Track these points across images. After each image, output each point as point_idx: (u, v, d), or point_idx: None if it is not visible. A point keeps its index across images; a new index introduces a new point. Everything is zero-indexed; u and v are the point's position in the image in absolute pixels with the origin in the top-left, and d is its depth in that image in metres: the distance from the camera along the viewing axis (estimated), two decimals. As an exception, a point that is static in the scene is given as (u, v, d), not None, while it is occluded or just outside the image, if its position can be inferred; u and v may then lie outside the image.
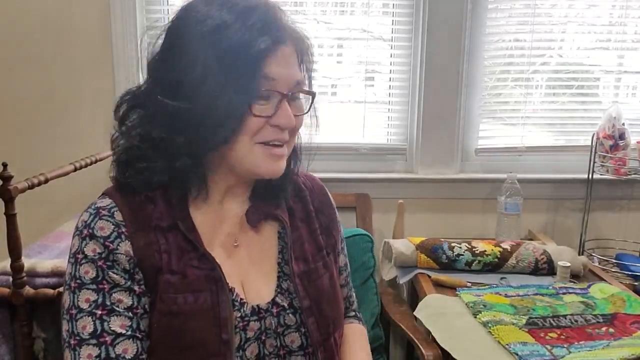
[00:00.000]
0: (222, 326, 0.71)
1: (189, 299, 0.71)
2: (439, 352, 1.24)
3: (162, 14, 1.86)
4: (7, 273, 1.24)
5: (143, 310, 0.71)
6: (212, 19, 0.69)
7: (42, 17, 1.80)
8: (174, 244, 0.73)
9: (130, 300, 0.70)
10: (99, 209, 0.72)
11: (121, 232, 0.71)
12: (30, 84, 1.83)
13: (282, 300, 0.78)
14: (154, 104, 0.72)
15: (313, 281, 0.81)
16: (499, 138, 1.99)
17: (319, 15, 1.88)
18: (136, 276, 0.71)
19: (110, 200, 0.74)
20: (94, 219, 0.71)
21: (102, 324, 0.68)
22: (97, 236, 0.70)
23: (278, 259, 0.82)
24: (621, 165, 1.77)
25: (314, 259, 0.83)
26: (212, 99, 0.68)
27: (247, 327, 0.75)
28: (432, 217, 1.95)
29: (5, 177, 1.15)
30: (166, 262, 0.71)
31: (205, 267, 0.73)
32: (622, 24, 1.93)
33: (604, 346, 1.09)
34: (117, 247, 0.70)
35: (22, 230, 1.20)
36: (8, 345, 1.29)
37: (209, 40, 0.68)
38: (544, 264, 1.52)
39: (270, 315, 0.77)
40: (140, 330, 0.70)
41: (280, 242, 0.83)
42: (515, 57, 1.94)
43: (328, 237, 0.88)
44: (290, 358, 0.77)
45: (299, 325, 0.78)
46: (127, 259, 0.70)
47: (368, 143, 1.95)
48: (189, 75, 0.68)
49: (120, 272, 0.70)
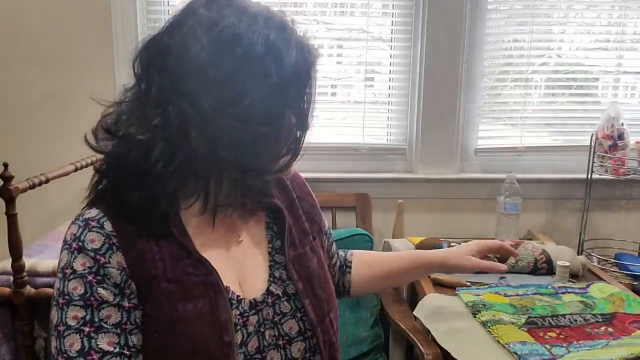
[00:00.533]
0: (223, 329, 0.71)
1: (188, 307, 0.70)
2: (438, 352, 1.25)
3: (162, 14, 1.86)
4: (8, 272, 1.24)
5: (133, 326, 0.70)
6: (263, 40, 0.68)
7: (42, 17, 1.80)
8: (167, 251, 0.72)
9: (119, 317, 0.69)
10: (88, 220, 0.70)
11: (112, 244, 0.69)
12: (30, 84, 1.83)
13: (276, 289, 0.79)
14: (203, 120, 0.67)
15: (303, 264, 0.83)
16: (499, 138, 1.99)
17: (318, 15, 1.88)
18: (126, 290, 0.69)
19: (98, 210, 0.71)
20: (84, 231, 0.69)
21: (90, 341, 0.67)
22: (87, 249, 0.68)
23: (268, 248, 0.83)
24: (620, 165, 1.77)
25: (302, 244, 0.85)
26: (274, 120, 0.70)
27: (247, 322, 0.75)
28: (432, 217, 1.95)
29: (6, 177, 1.16)
30: (161, 270, 0.70)
31: (201, 272, 0.72)
32: (621, 24, 1.93)
33: (603, 346, 1.10)
34: (109, 260, 0.68)
35: (22, 229, 1.21)
36: (9, 345, 1.29)
37: (270, 64, 0.68)
38: (543, 264, 1.52)
39: (267, 306, 0.78)
40: (128, 346, 0.69)
41: (269, 231, 0.84)
42: (514, 58, 1.94)
43: (312, 223, 0.90)
44: (290, 347, 0.78)
45: (294, 311, 0.79)
46: (118, 272, 0.69)
47: (368, 143, 1.95)
48: (247, 97, 0.67)
49: (110, 287, 0.68)
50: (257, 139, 0.70)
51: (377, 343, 1.65)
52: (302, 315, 0.79)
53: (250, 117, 0.68)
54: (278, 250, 0.83)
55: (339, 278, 1.04)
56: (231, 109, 0.67)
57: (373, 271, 1.04)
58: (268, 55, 0.68)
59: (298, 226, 0.87)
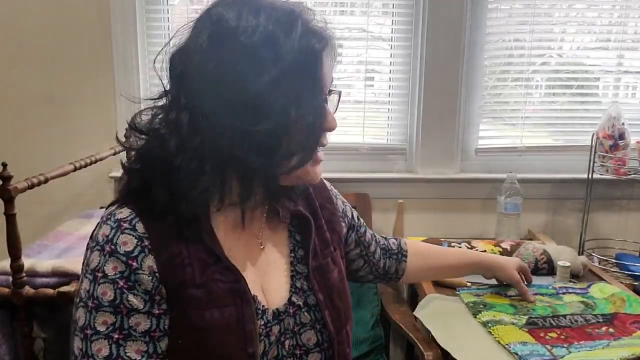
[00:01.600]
0: (248, 340, 0.70)
1: (215, 315, 0.69)
2: (438, 352, 1.24)
3: (162, 13, 1.86)
4: (7, 273, 1.24)
5: (162, 332, 0.69)
6: (262, 30, 0.66)
7: (42, 17, 1.80)
8: (195, 256, 0.70)
9: (149, 324, 0.68)
10: (120, 222, 0.68)
11: (145, 246, 0.67)
12: (30, 84, 1.83)
13: (297, 300, 0.78)
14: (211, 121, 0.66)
15: (324, 275, 0.82)
16: (499, 138, 1.99)
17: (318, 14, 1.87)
18: (156, 296, 0.68)
19: (129, 210, 0.69)
20: (116, 233, 0.67)
21: (118, 349, 0.66)
22: (119, 252, 0.67)
23: (290, 257, 0.82)
24: (621, 165, 1.77)
25: (323, 254, 0.84)
26: (286, 116, 0.66)
27: (269, 332, 0.74)
28: (432, 217, 1.95)
29: (5, 177, 1.15)
30: (190, 275, 0.69)
31: (227, 279, 0.71)
32: (622, 24, 1.93)
33: (603, 346, 1.09)
34: (141, 265, 0.67)
35: (21, 230, 1.20)
36: (8, 345, 1.29)
37: (267, 55, 0.65)
38: (543, 264, 1.52)
39: (288, 316, 0.77)
40: (157, 353, 0.68)
41: (291, 240, 0.83)
42: (515, 57, 1.94)
43: (332, 232, 0.89)
44: (307, 357, 0.77)
45: (313, 322, 0.78)
46: (149, 278, 0.67)
47: (368, 143, 1.95)
48: (246, 91, 0.65)
49: (140, 294, 0.67)
50: (260, 136, 0.66)
51: (377, 344, 1.64)
52: (322, 327, 0.78)
53: (251, 112, 0.65)
54: (300, 260, 0.81)
55: (390, 265, 1.09)
56: (231, 103, 0.65)
57: (426, 263, 1.13)
58: (265, 45, 0.65)
59: (320, 236, 0.85)
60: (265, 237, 0.80)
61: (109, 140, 1.51)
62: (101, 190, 1.88)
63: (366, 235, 1.03)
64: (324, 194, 0.91)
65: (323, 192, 0.92)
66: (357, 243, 1.01)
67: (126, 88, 1.83)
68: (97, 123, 1.84)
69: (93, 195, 1.88)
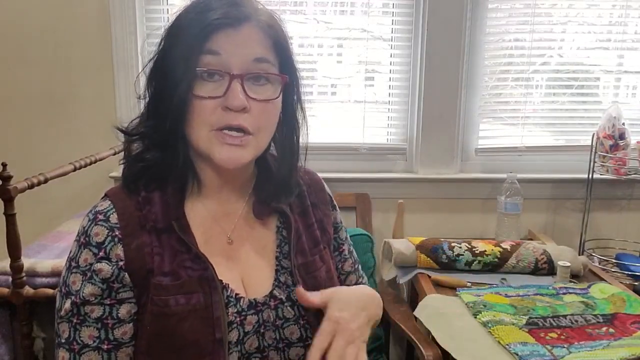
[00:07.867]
0: (216, 325, 0.71)
1: (181, 301, 0.71)
2: (438, 352, 1.24)
3: (162, 13, 1.86)
4: (6, 273, 1.24)
5: (115, 320, 0.72)
6: (181, 8, 0.74)
7: (42, 17, 1.80)
8: (168, 245, 0.73)
9: (101, 311, 0.71)
10: (97, 214, 0.74)
11: (115, 236, 0.72)
12: (30, 84, 1.83)
13: (280, 293, 0.79)
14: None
15: (311, 273, 0.82)
16: (499, 138, 1.99)
17: (319, 15, 1.87)
18: (114, 284, 0.71)
19: (110, 202, 0.75)
20: (91, 225, 0.73)
21: (75, 332, 0.71)
22: (91, 244, 0.72)
23: (276, 252, 0.83)
24: (621, 165, 1.77)
25: (311, 252, 0.85)
26: (164, 81, 0.72)
27: (244, 321, 0.75)
28: (432, 217, 1.95)
29: (5, 177, 1.15)
30: (158, 264, 0.72)
31: (198, 267, 0.73)
32: (622, 24, 1.93)
33: (604, 346, 1.09)
34: (108, 254, 0.71)
35: (21, 230, 1.20)
36: (8, 345, 1.29)
37: (171, 25, 0.74)
38: (544, 264, 1.52)
39: (268, 309, 0.77)
40: (108, 340, 0.71)
41: (278, 236, 0.84)
42: (515, 57, 1.94)
43: (322, 232, 0.89)
44: (289, 350, 0.78)
45: (297, 317, 0.79)
46: (110, 266, 0.71)
47: (368, 143, 1.95)
48: (156, 61, 0.74)
49: (97, 283, 0.71)
50: (175, 108, 0.71)
51: (377, 344, 1.64)
52: (305, 322, 0.79)
53: (165, 87, 0.72)
54: (285, 256, 0.82)
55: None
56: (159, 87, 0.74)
57: None
58: (171, 26, 0.74)
59: (309, 234, 0.86)
60: (245, 232, 0.81)
61: (109, 140, 1.52)
62: (101, 190, 1.83)
63: (346, 264, 0.95)
64: (319, 195, 0.92)
65: (318, 194, 0.92)
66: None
67: (126, 88, 1.83)
68: (97, 123, 1.84)
69: (93, 195, 1.86)
